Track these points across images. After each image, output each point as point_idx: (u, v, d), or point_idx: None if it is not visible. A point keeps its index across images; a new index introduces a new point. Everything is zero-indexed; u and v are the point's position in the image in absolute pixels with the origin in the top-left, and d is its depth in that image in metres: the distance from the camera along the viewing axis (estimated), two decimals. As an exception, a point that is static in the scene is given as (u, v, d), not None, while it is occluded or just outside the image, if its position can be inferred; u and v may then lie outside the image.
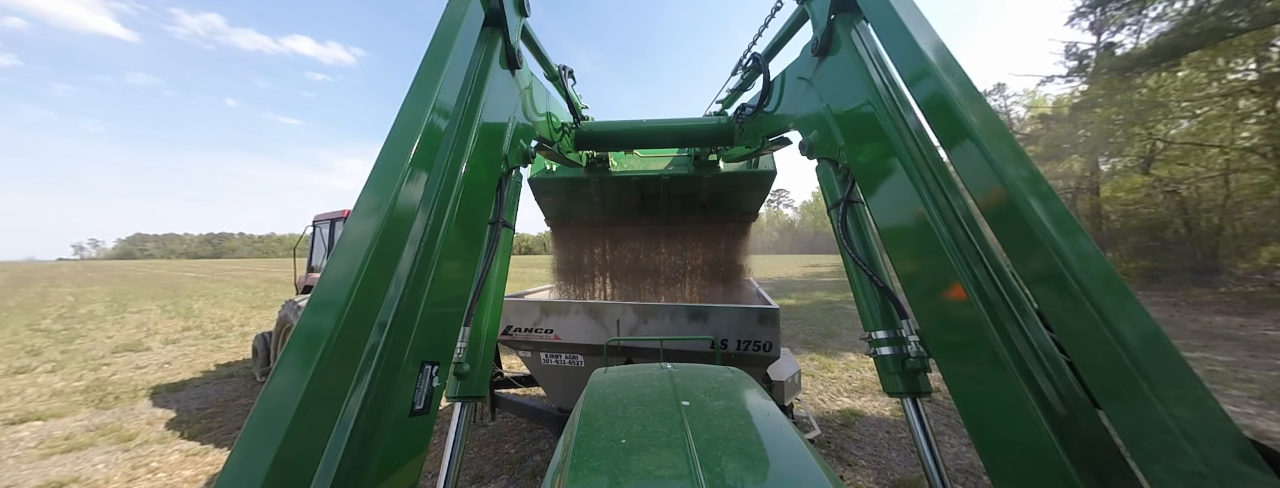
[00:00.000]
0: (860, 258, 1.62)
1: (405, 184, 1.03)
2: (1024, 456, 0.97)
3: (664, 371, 1.64)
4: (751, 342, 2.81)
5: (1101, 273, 0.86)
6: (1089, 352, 0.86)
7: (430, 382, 1.14)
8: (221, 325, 10.93)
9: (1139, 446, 0.77)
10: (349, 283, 0.85)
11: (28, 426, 4.75)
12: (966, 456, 3.85)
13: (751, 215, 4.71)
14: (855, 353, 7.54)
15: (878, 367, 1.49)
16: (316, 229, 6.73)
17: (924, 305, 1.27)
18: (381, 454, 0.96)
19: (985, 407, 1.08)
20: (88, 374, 6.71)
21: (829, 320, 10.89)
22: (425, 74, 1.24)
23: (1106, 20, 16.38)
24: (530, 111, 2.10)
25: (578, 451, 1.05)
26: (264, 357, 5.85)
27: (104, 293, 20.34)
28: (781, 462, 1.00)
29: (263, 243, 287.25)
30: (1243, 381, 5.71)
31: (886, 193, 1.41)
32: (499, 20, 1.71)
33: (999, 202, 1.01)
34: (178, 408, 5.22)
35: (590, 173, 3.94)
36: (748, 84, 2.91)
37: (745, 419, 1.21)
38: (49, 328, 10.79)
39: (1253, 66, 12.91)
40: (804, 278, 25.17)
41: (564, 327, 3.14)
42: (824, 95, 1.77)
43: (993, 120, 1.11)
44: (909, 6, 1.38)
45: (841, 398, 5.40)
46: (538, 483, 3.47)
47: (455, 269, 1.32)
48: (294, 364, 0.76)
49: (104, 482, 3.60)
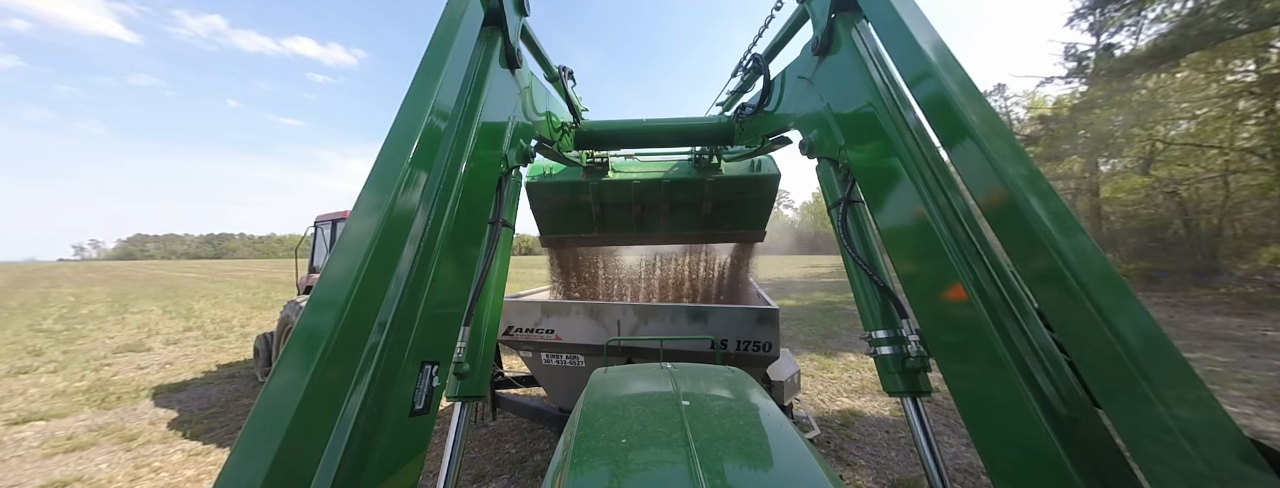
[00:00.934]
0: (860, 257, 1.62)
1: (405, 183, 1.02)
2: (1024, 455, 0.97)
3: (664, 370, 1.64)
4: (751, 342, 2.83)
5: (1102, 272, 0.85)
6: (1089, 351, 0.85)
7: (430, 382, 1.14)
8: (222, 326, 10.94)
9: (1139, 445, 0.77)
10: (349, 282, 0.85)
11: (30, 425, 4.77)
12: (965, 455, 3.86)
13: (758, 233, 4.41)
14: (855, 353, 7.54)
15: (878, 366, 1.49)
16: (318, 230, 6.75)
17: (924, 305, 1.27)
18: (381, 454, 0.95)
19: (985, 406, 1.07)
20: (89, 374, 6.72)
21: (829, 321, 10.89)
22: (425, 73, 1.24)
23: (1106, 21, 16.39)
24: (530, 111, 2.09)
25: (578, 450, 1.05)
26: (266, 357, 5.86)
27: (105, 293, 20.35)
28: (782, 462, 1.00)
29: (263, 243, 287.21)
30: (1241, 381, 5.72)
31: (887, 192, 1.41)
32: (499, 19, 1.71)
33: (999, 201, 1.01)
34: (180, 408, 5.23)
35: (589, 176, 3.93)
36: (748, 85, 2.91)
37: (745, 419, 1.20)
38: (50, 328, 10.80)
39: (1252, 67, 12.93)
40: (804, 278, 25.16)
41: (564, 327, 3.16)
42: (824, 95, 1.76)
43: (993, 119, 1.11)
44: (909, 6, 1.38)
45: (841, 398, 5.41)
46: (538, 483, 3.49)
47: (455, 269, 1.32)
48: (294, 364, 0.75)
49: (107, 481, 3.61)
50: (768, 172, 3.91)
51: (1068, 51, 18.20)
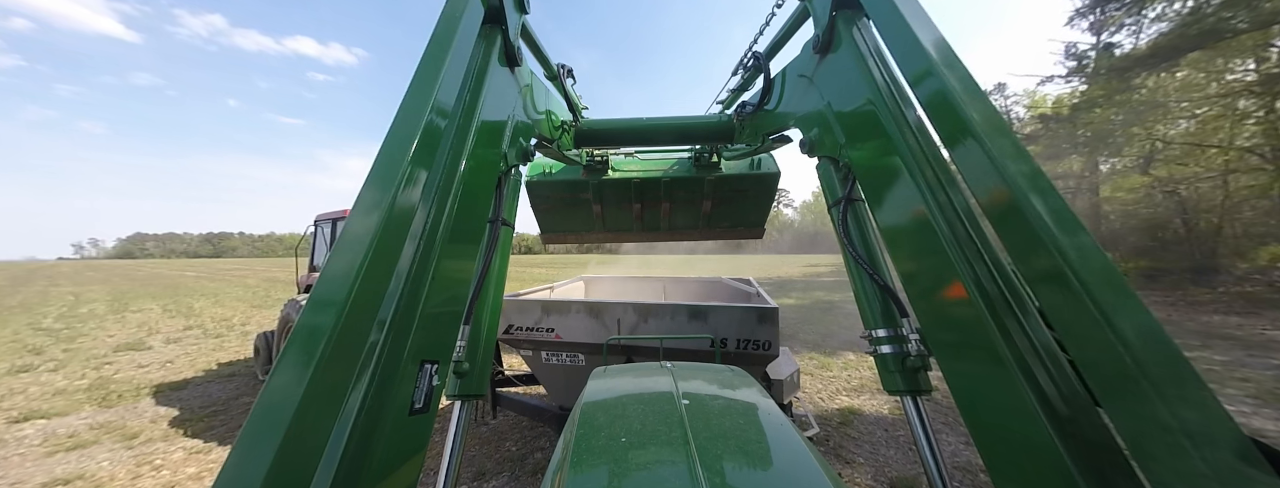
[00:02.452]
0: (861, 256, 1.61)
1: (405, 181, 1.02)
2: (1024, 454, 0.96)
3: (664, 369, 1.64)
4: (751, 341, 2.84)
5: (1103, 271, 0.85)
6: (1090, 350, 0.85)
7: (430, 380, 1.13)
8: (222, 325, 10.94)
9: (1139, 445, 0.77)
10: (349, 281, 0.84)
11: (32, 423, 4.78)
12: (964, 453, 3.88)
13: (757, 229, 4.51)
14: (854, 352, 7.56)
15: (878, 365, 1.49)
16: (318, 229, 6.75)
17: (924, 303, 1.26)
18: (381, 453, 0.95)
19: (986, 405, 1.07)
20: (90, 373, 6.73)
21: (828, 320, 10.92)
22: (425, 71, 1.23)
23: (1106, 20, 16.39)
24: (530, 109, 2.08)
25: (577, 449, 1.05)
26: (266, 356, 5.87)
27: (104, 292, 20.35)
28: (781, 460, 1.00)
29: (263, 242, 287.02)
30: (1239, 379, 5.74)
31: (887, 191, 1.40)
32: (498, 17, 1.69)
33: (1000, 199, 1.00)
34: (181, 406, 5.24)
35: (589, 174, 3.92)
36: (749, 83, 2.90)
37: (745, 418, 1.20)
38: (50, 327, 10.80)
39: (1252, 67, 12.93)
40: (804, 277, 25.18)
41: (564, 326, 3.16)
42: (825, 93, 1.75)
43: (994, 117, 1.10)
44: (911, 3, 1.36)
45: (840, 397, 5.42)
46: (538, 480, 3.50)
47: (455, 267, 1.31)
48: (294, 363, 0.75)
49: (109, 479, 3.62)
50: (768, 170, 3.91)
51: (1068, 50, 18.21)
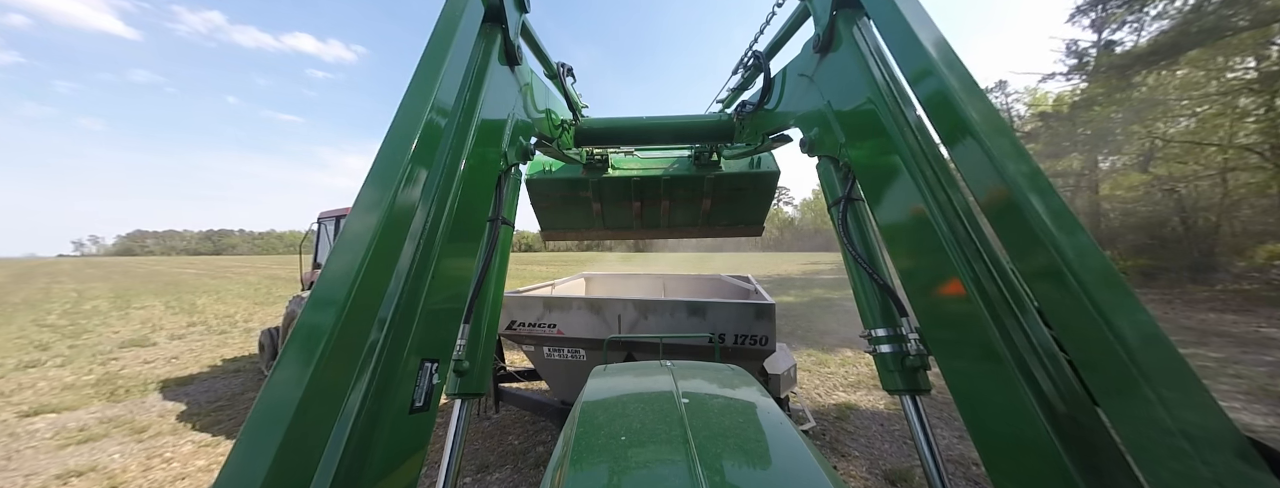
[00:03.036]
0: (860, 255, 1.61)
1: (405, 180, 1.02)
2: (1022, 453, 0.97)
3: (663, 368, 1.65)
4: (748, 336, 2.90)
5: (1102, 271, 0.85)
6: (1088, 350, 0.85)
7: (430, 379, 1.13)
8: (226, 321, 11.02)
9: (1138, 444, 0.77)
10: (349, 279, 0.84)
11: (42, 417, 4.85)
12: (957, 447, 3.95)
13: (757, 228, 4.54)
14: (852, 349, 7.63)
15: (877, 364, 1.49)
16: (322, 226, 6.81)
17: (923, 302, 1.27)
18: (382, 451, 0.95)
19: (984, 404, 1.07)
20: (97, 368, 6.81)
21: (827, 317, 10.99)
22: (425, 70, 1.22)
23: (1107, 18, 16.38)
24: (530, 108, 2.08)
25: (577, 447, 1.07)
26: (271, 352, 5.94)
27: (106, 289, 20.43)
28: (780, 459, 1.01)
29: (263, 240, 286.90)
30: (1232, 376, 5.80)
31: (887, 190, 1.40)
32: (498, 16, 1.68)
33: (999, 198, 1.00)
34: (188, 401, 5.32)
35: (589, 173, 3.97)
36: (749, 82, 2.90)
37: (744, 417, 1.22)
38: (55, 324, 10.88)
39: (1252, 65, 12.94)
40: (803, 275, 25.24)
41: (566, 322, 3.22)
42: (825, 92, 1.75)
43: (994, 117, 1.10)
44: (911, 3, 1.35)
45: (837, 393, 5.49)
46: (540, 474, 3.57)
47: (455, 266, 1.31)
48: (295, 361, 0.75)
49: (121, 471, 3.70)
50: (767, 168, 3.94)
51: (1069, 48, 18.20)
